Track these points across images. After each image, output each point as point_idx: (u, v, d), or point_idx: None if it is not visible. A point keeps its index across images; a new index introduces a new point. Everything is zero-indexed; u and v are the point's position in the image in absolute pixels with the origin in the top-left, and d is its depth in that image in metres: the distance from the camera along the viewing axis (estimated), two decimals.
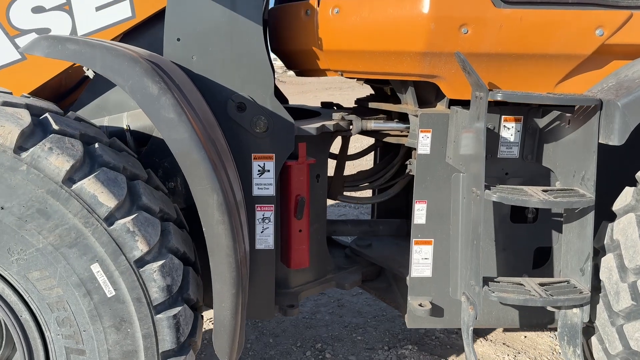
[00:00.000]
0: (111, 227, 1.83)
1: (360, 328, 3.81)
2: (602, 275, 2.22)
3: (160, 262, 1.89)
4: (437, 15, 2.26)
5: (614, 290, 2.14)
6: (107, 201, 1.81)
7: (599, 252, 2.32)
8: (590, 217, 2.22)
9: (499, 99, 2.19)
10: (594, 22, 2.26)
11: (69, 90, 2.94)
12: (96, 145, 1.90)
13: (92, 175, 1.81)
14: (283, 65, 3.14)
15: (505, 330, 3.80)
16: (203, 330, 3.50)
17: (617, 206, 2.25)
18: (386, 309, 4.03)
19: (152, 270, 1.88)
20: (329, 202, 3.10)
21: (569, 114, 2.34)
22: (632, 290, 2.06)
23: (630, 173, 2.27)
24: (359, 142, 5.35)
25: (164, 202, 2.07)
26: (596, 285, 2.26)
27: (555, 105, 2.41)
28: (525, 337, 3.74)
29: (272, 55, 3.09)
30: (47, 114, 1.86)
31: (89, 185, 1.80)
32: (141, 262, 1.87)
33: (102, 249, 1.83)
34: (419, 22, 2.28)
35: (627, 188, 2.25)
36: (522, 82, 2.38)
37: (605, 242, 2.27)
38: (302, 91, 16.94)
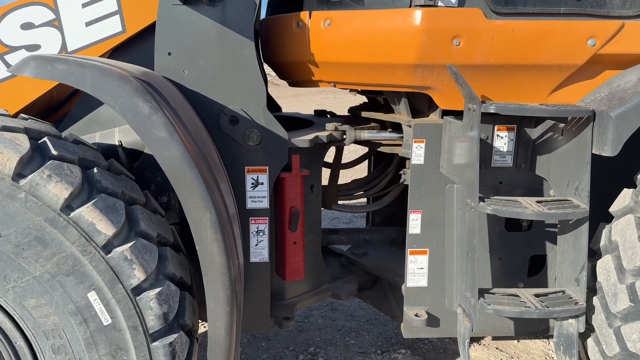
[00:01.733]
0: (109, 255, 1.81)
1: (353, 332, 3.80)
2: (600, 277, 2.22)
3: (157, 290, 1.88)
4: (429, 28, 2.25)
5: (611, 291, 2.14)
6: (105, 229, 1.79)
7: (595, 254, 2.32)
8: (585, 227, 2.22)
9: (491, 110, 2.19)
10: (586, 32, 2.25)
11: (60, 103, 2.92)
12: (95, 170, 1.88)
13: (91, 202, 1.79)
14: None
15: (500, 337, 3.81)
16: (198, 333, 3.48)
17: (615, 208, 2.26)
18: (379, 313, 4.03)
19: (149, 298, 1.86)
20: (323, 211, 3.10)
21: (562, 124, 2.34)
22: (631, 292, 2.06)
23: (627, 175, 2.27)
24: (353, 151, 5.34)
25: (161, 226, 2.05)
26: (592, 287, 2.26)
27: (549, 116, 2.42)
28: (519, 342, 3.74)
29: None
30: (45, 138, 1.84)
31: (87, 213, 1.78)
32: (138, 290, 1.86)
33: (99, 277, 1.81)
34: (410, 34, 2.28)
35: (625, 190, 2.25)
36: (515, 93, 2.38)
37: (602, 243, 2.27)
38: (296, 94, 16.91)
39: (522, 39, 2.26)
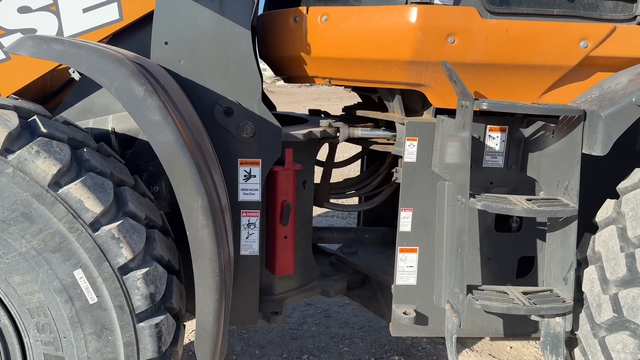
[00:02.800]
0: (96, 233, 1.81)
1: (347, 339, 3.79)
2: (585, 287, 2.23)
3: (144, 270, 1.87)
4: (424, 25, 2.28)
5: (596, 302, 2.15)
6: (93, 207, 1.79)
7: (581, 264, 2.33)
8: (573, 226, 2.24)
9: (484, 107, 2.21)
10: (578, 34, 2.29)
11: (54, 92, 2.91)
12: (84, 150, 1.88)
13: (79, 180, 1.79)
14: (272, 75, 3.15)
15: (492, 339, 3.81)
16: (187, 342, 3.47)
17: (598, 218, 2.28)
18: (373, 320, 4.02)
19: (136, 277, 1.85)
20: (317, 211, 3.10)
21: (553, 125, 2.37)
22: (614, 302, 2.07)
23: (612, 185, 2.30)
24: (346, 151, 5.36)
25: (149, 209, 2.05)
26: (579, 297, 2.28)
27: (540, 116, 2.45)
28: (512, 347, 3.75)
29: (262, 65, 3.10)
30: (35, 117, 1.84)
31: (75, 190, 1.77)
32: (125, 269, 1.85)
33: (86, 254, 1.80)
34: (406, 31, 2.30)
35: (608, 200, 2.28)
36: (508, 93, 2.41)
37: (587, 254, 2.29)
38: (291, 101, 16.99)
39: (515, 38, 2.29)
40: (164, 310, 1.95)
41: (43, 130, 1.80)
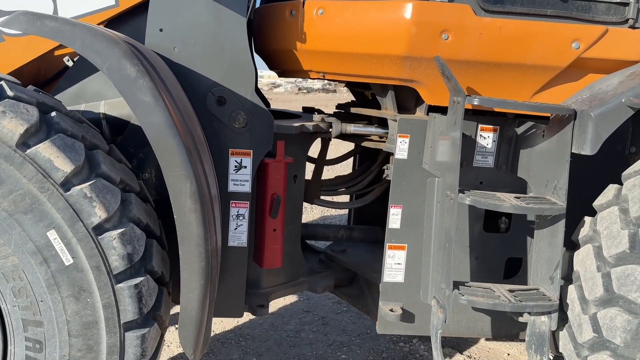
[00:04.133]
0: (68, 193, 1.78)
1: (344, 346, 3.77)
2: (566, 307, 2.23)
3: (120, 230, 1.85)
4: (419, 20, 2.29)
5: (577, 322, 2.15)
6: (63, 166, 1.76)
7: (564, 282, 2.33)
8: (561, 225, 2.25)
9: (475, 103, 2.22)
10: (570, 35, 2.31)
11: (48, 80, 2.90)
12: (54, 113, 1.86)
13: (48, 140, 1.77)
14: (270, 82, 3.16)
15: (490, 349, 3.79)
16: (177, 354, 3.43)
17: (577, 236, 2.28)
18: (371, 327, 3.99)
19: (112, 237, 1.83)
20: (313, 215, 3.09)
21: (544, 125, 2.38)
22: (593, 322, 2.06)
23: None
24: (339, 150, 5.37)
25: (126, 174, 2.03)
26: (562, 317, 2.27)
27: (531, 116, 2.46)
28: (509, 354, 3.73)
29: (260, 72, 3.10)
30: (2, 82, 1.83)
31: (44, 150, 1.75)
32: (100, 229, 1.82)
33: (58, 215, 1.78)
34: (400, 26, 2.32)
35: (586, 217, 2.28)
36: (500, 91, 2.42)
37: (567, 272, 2.29)
38: (288, 107, 16.98)
39: (508, 37, 2.31)
40: (144, 272, 1.92)
41: (9, 93, 1.79)
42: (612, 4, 2.33)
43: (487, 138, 2.53)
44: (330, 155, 3.25)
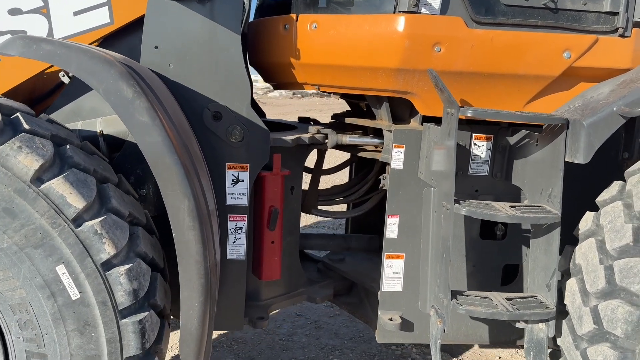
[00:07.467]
0: (79, 229, 1.80)
1: (337, 350, 3.77)
2: (567, 300, 2.25)
3: (127, 266, 1.87)
4: (412, 33, 2.32)
5: (577, 314, 2.17)
6: (76, 202, 1.79)
7: (564, 276, 2.36)
8: (557, 233, 2.27)
9: (469, 115, 2.25)
10: (561, 45, 2.34)
11: (42, 96, 2.91)
12: (67, 146, 1.89)
13: (62, 175, 1.79)
14: (264, 86, 3.19)
15: (481, 353, 3.81)
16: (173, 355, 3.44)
17: (579, 231, 2.31)
18: (363, 331, 4.01)
19: (119, 273, 1.85)
20: (309, 221, 3.10)
21: (538, 134, 2.41)
22: (594, 314, 2.08)
23: (596, 197, 2.32)
24: (336, 160, 5.40)
25: (134, 207, 2.06)
26: (562, 309, 2.29)
27: (525, 125, 2.49)
28: (500, 358, 3.75)
29: (254, 77, 3.11)
30: (18, 114, 1.85)
31: (58, 186, 1.78)
32: (108, 265, 1.85)
33: (68, 250, 1.80)
34: (393, 39, 2.34)
35: (587, 213, 2.31)
36: (493, 101, 2.45)
37: (569, 266, 2.31)
38: (283, 112, 17.03)
39: (500, 48, 2.34)
40: (147, 307, 1.95)
41: (26, 126, 1.80)
42: (602, 13, 2.36)
43: (481, 147, 2.55)
44: (327, 164, 3.27)
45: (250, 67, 2.98)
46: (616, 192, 2.20)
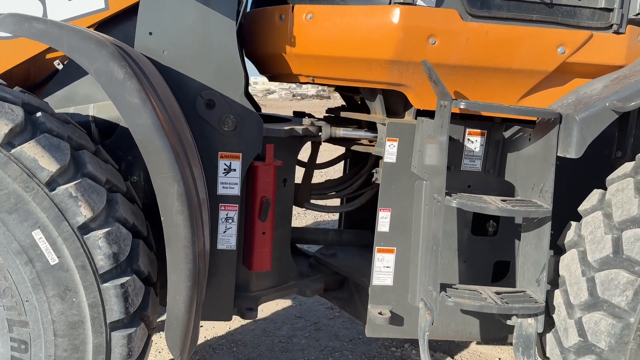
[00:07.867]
0: (53, 192, 1.78)
1: (336, 352, 3.75)
2: (552, 312, 2.25)
3: (105, 229, 1.84)
4: (406, 25, 2.32)
5: (563, 326, 2.16)
6: (49, 165, 1.76)
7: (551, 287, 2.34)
8: (547, 228, 2.27)
9: (462, 107, 2.25)
10: (556, 40, 2.34)
11: (37, 84, 2.90)
12: (38, 113, 1.86)
13: (33, 139, 1.77)
14: (264, 88, 3.19)
15: (481, 354, 3.79)
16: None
17: (563, 240, 2.30)
18: (363, 333, 3.96)
19: (97, 237, 1.82)
20: (309, 221, 3.09)
21: (531, 129, 2.41)
22: (579, 327, 2.07)
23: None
24: (329, 154, 5.40)
25: (112, 175, 2.03)
26: (548, 322, 2.28)
27: (518, 120, 2.48)
28: (499, 359, 3.73)
29: (254, 79, 3.11)
30: None
31: (29, 149, 1.75)
32: (85, 228, 1.82)
33: (43, 214, 1.77)
34: (388, 30, 2.34)
35: (571, 222, 2.30)
36: (487, 95, 2.45)
37: (553, 277, 2.30)
38: (282, 114, 17.01)
39: (495, 42, 2.34)
40: (130, 272, 1.92)
41: None
42: (597, 9, 2.36)
43: (474, 142, 2.55)
44: (321, 160, 3.26)
45: (247, 62, 2.99)
46: (596, 201, 2.18)
